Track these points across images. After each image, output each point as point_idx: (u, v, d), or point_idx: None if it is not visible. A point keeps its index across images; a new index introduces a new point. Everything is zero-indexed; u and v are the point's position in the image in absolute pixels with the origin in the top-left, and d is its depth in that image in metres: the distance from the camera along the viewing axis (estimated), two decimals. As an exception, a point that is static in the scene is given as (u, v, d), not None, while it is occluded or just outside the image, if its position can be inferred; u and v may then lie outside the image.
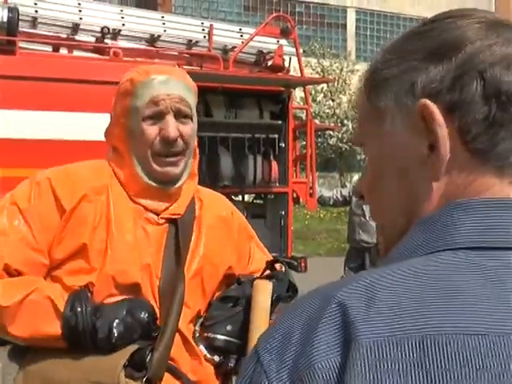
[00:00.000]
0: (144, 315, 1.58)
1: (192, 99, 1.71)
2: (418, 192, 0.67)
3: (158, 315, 1.64)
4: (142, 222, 1.68)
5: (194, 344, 1.69)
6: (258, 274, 1.81)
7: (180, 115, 1.66)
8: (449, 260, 0.59)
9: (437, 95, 0.65)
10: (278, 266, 1.88)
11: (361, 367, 0.53)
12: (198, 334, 1.72)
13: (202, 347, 1.70)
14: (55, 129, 5.13)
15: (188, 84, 1.72)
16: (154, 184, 1.68)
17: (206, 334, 1.71)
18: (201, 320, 1.74)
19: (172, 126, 1.64)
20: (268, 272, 1.82)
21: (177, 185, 1.70)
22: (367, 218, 6.43)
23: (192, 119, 1.71)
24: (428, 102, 0.65)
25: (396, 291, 0.57)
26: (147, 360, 1.57)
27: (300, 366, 0.56)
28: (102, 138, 1.79)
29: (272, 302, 1.71)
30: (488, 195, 0.63)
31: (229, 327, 1.70)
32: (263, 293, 1.70)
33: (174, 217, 1.72)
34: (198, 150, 1.80)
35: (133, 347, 1.57)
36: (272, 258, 1.95)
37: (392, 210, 0.70)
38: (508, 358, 0.53)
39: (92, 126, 4.75)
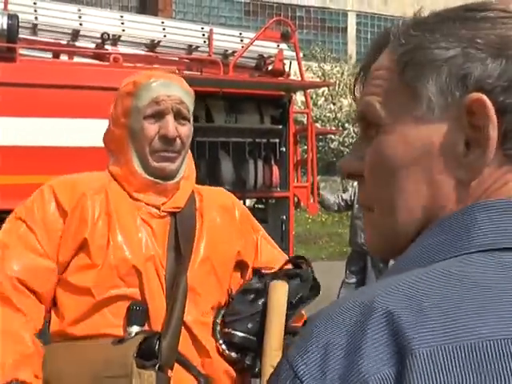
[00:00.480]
0: None
1: (190, 103, 1.81)
2: (444, 191, 0.63)
3: (165, 305, 1.67)
4: (144, 216, 1.75)
5: (202, 340, 1.71)
6: (277, 268, 1.83)
7: (179, 116, 1.75)
8: (484, 262, 0.57)
9: (491, 92, 0.60)
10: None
11: (418, 378, 0.50)
12: (218, 328, 1.73)
13: (220, 342, 1.72)
14: (57, 135, 5.13)
15: (187, 89, 1.81)
16: (151, 179, 1.75)
17: (226, 330, 1.72)
18: (222, 312, 1.75)
19: (171, 126, 1.73)
20: (292, 270, 1.82)
21: (173, 180, 1.78)
22: None
23: (189, 121, 1.80)
24: (485, 97, 0.60)
25: (439, 296, 0.54)
26: (156, 348, 1.59)
27: (349, 381, 0.51)
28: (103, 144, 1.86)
29: (295, 302, 1.73)
30: None
31: (250, 325, 1.71)
32: (279, 295, 1.72)
33: (174, 210, 1.78)
34: (191, 153, 1.88)
35: (140, 337, 1.59)
36: (279, 249, 2.01)
37: (408, 209, 0.65)
38: None
39: (93, 132, 4.76)
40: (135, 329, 1.61)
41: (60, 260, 1.67)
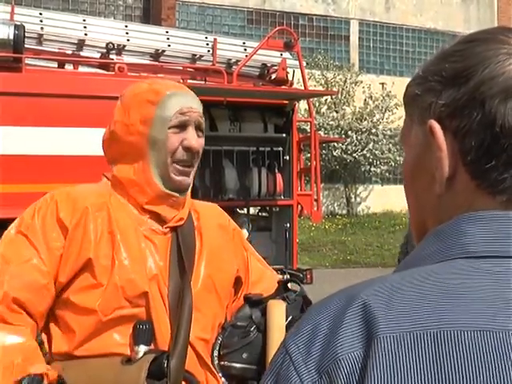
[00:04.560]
0: None
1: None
2: (429, 203, 0.73)
3: (169, 324, 1.66)
4: (147, 233, 1.72)
5: (205, 357, 1.71)
6: (266, 294, 1.81)
7: (198, 129, 1.76)
8: (461, 267, 0.65)
9: (444, 118, 0.70)
10: (289, 284, 1.89)
11: (381, 359, 0.59)
12: (216, 361, 1.72)
13: (220, 375, 1.72)
14: (63, 144, 5.17)
15: (199, 101, 1.82)
16: (168, 191, 1.74)
17: (222, 363, 1.71)
18: (219, 342, 1.74)
19: (194, 137, 1.73)
20: (279, 293, 1.81)
21: (185, 194, 1.78)
22: None
23: (204, 135, 1.81)
24: (433, 122, 0.71)
25: (413, 293, 0.63)
26: (165, 368, 1.59)
27: (326, 358, 0.61)
28: None
29: (286, 325, 1.71)
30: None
31: (245, 355, 1.70)
32: (278, 314, 1.70)
33: (177, 224, 1.76)
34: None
35: (149, 357, 1.59)
36: (267, 265, 1.99)
37: (422, 211, 0.76)
38: (510, 352, 0.58)
39: (98, 141, 4.78)
40: (142, 348, 1.60)
41: (60, 279, 1.64)
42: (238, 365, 1.70)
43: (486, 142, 0.67)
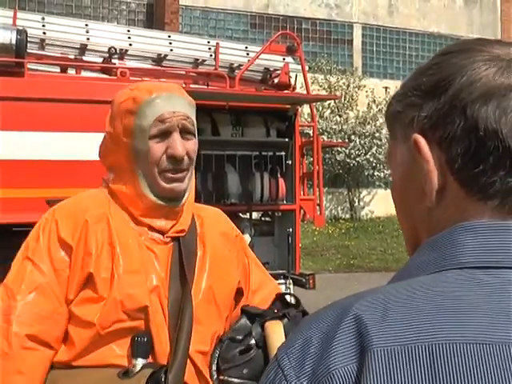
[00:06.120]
0: None
1: (193, 115, 1.73)
2: (420, 217, 0.73)
3: (168, 336, 1.62)
4: (147, 243, 1.68)
5: (203, 371, 1.67)
6: (264, 306, 1.78)
7: (185, 132, 1.68)
8: (455, 278, 0.64)
9: (428, 130, 0.70)
10: (287, 297, 1.85)
11: (375, 373, 0.58)
12: (215, 376, 1.69)
13: None
14: (66, 149, 5.17)
15: (189, 100, 1.73)
16: (160, 202, 1.68)
17: (221, 377, 1.68)
18: (216, 355, 1.70)
19: (179, 144, 1.65)
20: (278, 308, 1.78)
21: (181, 202, 1.71)
22: None
23: (195, 135, 1.72)
24: (418, 136, 0.71)
25: (407, 306, 0.61)
26: (163, 382, 1.55)
27: (319, 372, 0.60)
28: None
29: None
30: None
31: (245, 370, 1.66)
32: (277, 335, 1.67)
33: (178, 235, 1.71)
34: (196, 166, 1.81)
35: (147, 372, 1.55)
36: (266, 272, 1.95)
37: (414, 226, 0.76)
38: (509, 365, 0.57)
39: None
40: (140, 361, 1.57)
41: (69, 297, 1.62)
42: (237, 380, 1.66)
43: (471, 147, 0.67)
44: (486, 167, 0.66)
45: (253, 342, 1.69)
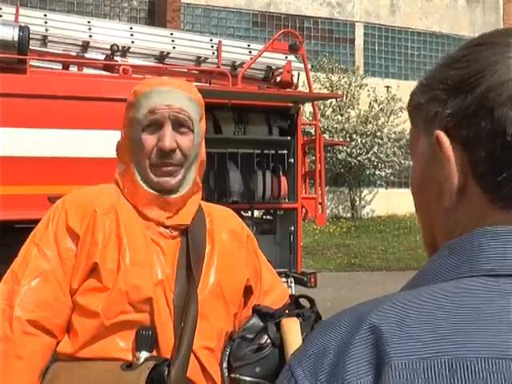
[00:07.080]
0: None
1: (194, 111, 1.70)
2: (438, 216, 0.70)
3: (173, 330, 1.62)
4: (154, 236, 1.68)
5: (208, 367, 1.66)
6: (275, 307, 1.77)
7: (178, 125, 1.66)
8: (478, 286, 0.60)
9: (452, 129, 0.66)
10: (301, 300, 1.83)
11: None
12: (226, 374, 1.68)
13: None
14: (67, 146, 5.16)
15: (191, 96, 1.71)
16: (153, 192, 1.68)
17: (232, 375, 1.67)
18: (227, 353, 1.70)
19: (168, 137, 1.64)
20: (292, 308, 1.77)
21: (176, 194, 1.70)
22: None
23: (193, 131, 1.70)
24: (440, 133, 0.67)
25: (426, 315, 0.58)
26: (165, 376, 1.55)
27: None
28: (114, 155, 1.82)
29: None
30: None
31: (258, 369, 1.65)
32: (295, 333, 1.66)
33: (181, 227, 1.71)
34: (204, 164, 1.81)
35: (150, 364, 1.56)
36: (277, 273, 1.95)
37: (432, 224, 0.72)
38: None
39: (102, 142, 4.79)
40: (144, 354, 1.58)
41: (73, 286, 1.63)
42: (249, 378, 1.65)
43: (496, 152, 0.63)
44: (510, 175, 0.63)
45: (267, 340, 1.68)
